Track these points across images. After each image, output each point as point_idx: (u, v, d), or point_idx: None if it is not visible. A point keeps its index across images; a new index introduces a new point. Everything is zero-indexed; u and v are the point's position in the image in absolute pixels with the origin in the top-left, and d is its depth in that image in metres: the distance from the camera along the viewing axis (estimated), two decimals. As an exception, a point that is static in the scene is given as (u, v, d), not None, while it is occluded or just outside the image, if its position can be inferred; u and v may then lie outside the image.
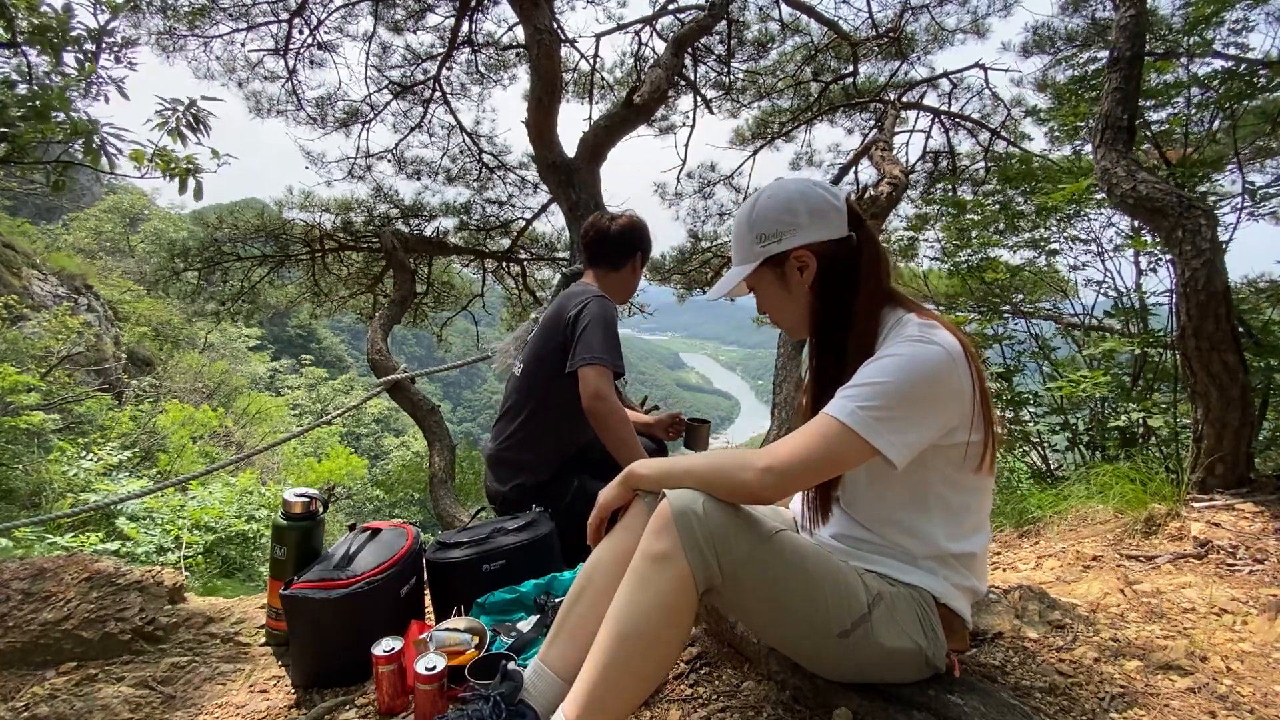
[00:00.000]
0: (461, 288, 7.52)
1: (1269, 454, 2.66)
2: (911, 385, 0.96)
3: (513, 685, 1.05)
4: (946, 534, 1.07)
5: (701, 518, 0.95)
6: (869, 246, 1.12)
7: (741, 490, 0.98)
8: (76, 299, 11.10)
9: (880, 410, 0.95)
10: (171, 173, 2.69)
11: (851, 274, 1.12)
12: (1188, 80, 2.96)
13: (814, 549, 1.04)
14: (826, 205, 1.11)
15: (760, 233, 1.13)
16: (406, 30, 6.03)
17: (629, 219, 2.13)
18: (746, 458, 0.99)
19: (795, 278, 1.14)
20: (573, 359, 1.91)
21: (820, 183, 1.14)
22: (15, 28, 2.49)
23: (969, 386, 1.00)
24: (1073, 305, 3.95)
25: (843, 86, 6.52)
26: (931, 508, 1.06)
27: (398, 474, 10.22)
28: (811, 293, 1.14)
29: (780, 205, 1.12)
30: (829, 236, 1.11)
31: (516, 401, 2.09)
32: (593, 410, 1.89)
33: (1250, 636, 1.38)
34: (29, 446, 6.74)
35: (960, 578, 1.09)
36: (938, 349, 0.98)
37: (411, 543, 1.63)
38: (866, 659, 1.04)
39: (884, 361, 0.99)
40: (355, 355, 40.03)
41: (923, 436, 0.97)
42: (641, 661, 0.94)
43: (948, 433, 1.01)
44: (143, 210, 23.38)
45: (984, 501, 1.12)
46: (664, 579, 0.94)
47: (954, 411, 1.00)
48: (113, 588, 1.73)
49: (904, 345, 1.00)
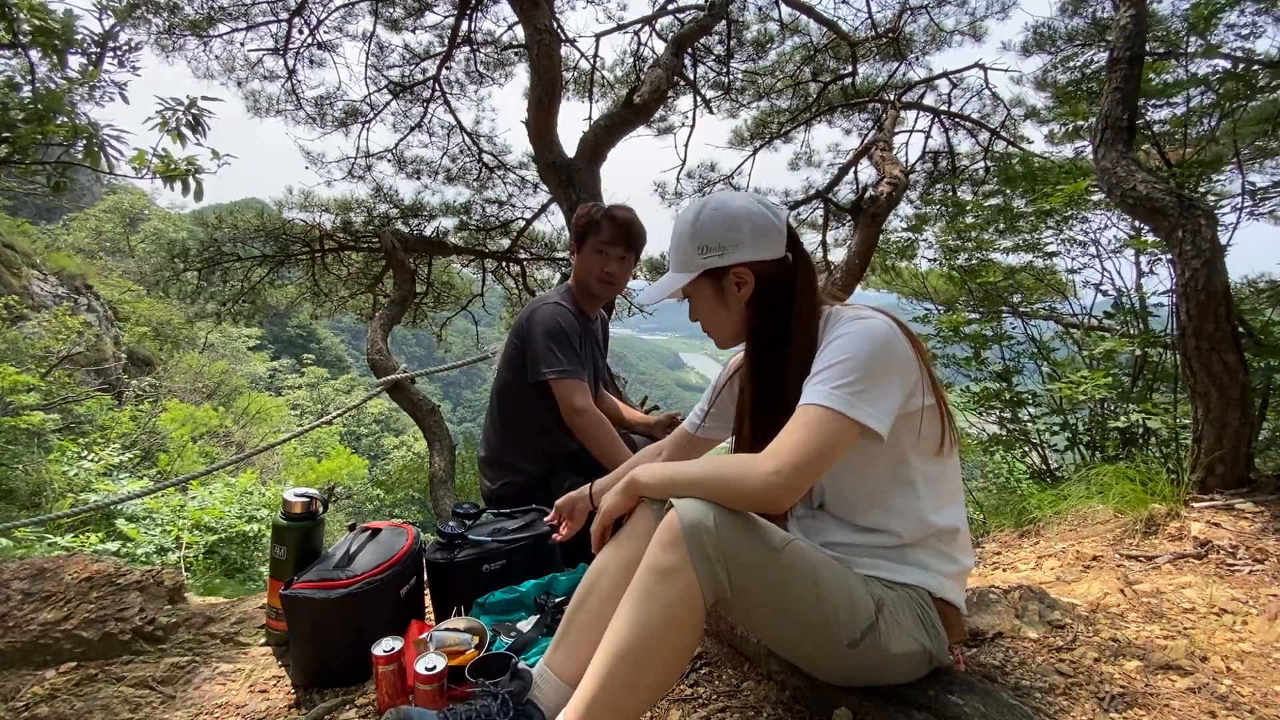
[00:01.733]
0: (461, 288, 7.52)
1: (1269, 454, 2.65)
2: (870, 355, 1.00)
3: (521, 684, 1.05)
4: (930, 505, 1.09)
5: (713, 531, 0.93)
6: (803, 265, 1.17)
7: (750, 500, 0.96)
8: (76, 299, 11.10)
9: (852, 385, 0.97)
10: (171, 175, 2.69)
11: (787, 293, 1.15)
12: (1187, 81, 2.96)
13: (824, 559, 1.04)
14: (769, 225, 1.13)
15: (702, 244, 1.14)
16: (406, 29, 6.03)
17: (582, 208, 2.15)
18: (748, 464, 0.97)
19: (733, 292, 1.16)
20: (532, 372, 1.97)
21: (765, 200, 1.17)
22: (17, 29, 2.49)
23: (912, 353, 1.05)
24: (1072, 306, 3.95)
25: (842, 87, 6.51)
26: (913, 480, 1.09)
27: (398, 474, 10.22)
28: (748, 309, 1.17)
29: (725, 220, 1.13)
30: (769, 256, 1.14)
31: (493, 405, 2.16)
32: (573, 425, 1.96)
33: (1250, 636, 1.38)
34: (29, 446, 6.75)
35: (949, 563, 1.11)
36: (878, 320, 1.06)
37: (411, 543, 1.63)
38: (875, 666, 1.04)
39: (837, 343, 1.03)
40: (355, 355, 40.01)
41: (894, 403, 1.01)
42: (644, 675, 0.93)
43: (911, 396, 1.05)
44: (143, 210, 23.39)
45: (954, 469, 1.15)
46: (671, 593, 0.92)
47: (910, 377, 1.04)
48: (113, 588, 1.73)
49: (848, 325, 1.05)
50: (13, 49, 2.59)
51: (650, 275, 7.59)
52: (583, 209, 2.14)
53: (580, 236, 2.11)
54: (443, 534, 1.70)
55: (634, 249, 2.13)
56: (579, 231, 2.12)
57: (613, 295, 2.26)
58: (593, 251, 2.08)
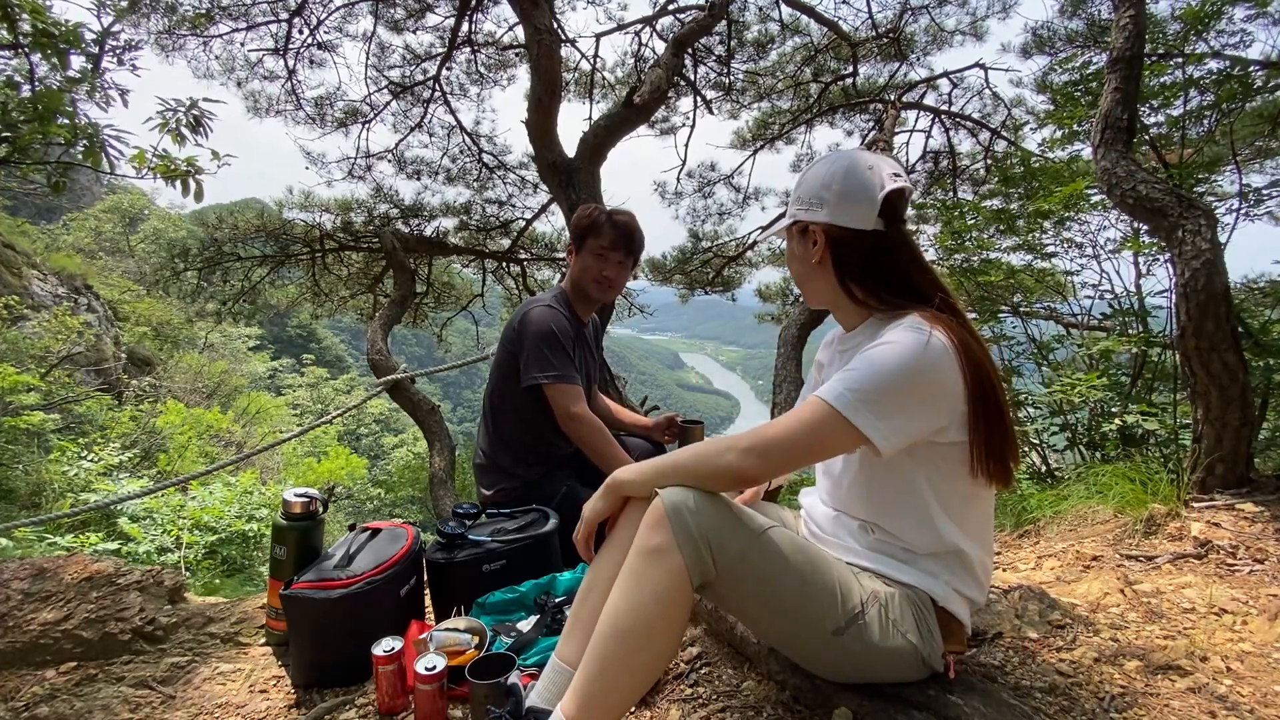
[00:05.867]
0: (461, 288, 7.52)
1: (1269, 454, 2.66)
2: (900, 372, 0.96)
3: (515, 701, 1.08)
4: (950, 530, 1.06)
5: (694, 512, 0.95)
6: (888, 247, 1.10)
7: (727, 473, 0.99)
8: (76, 299, 11.09)
9: (868, 394, 0.95)
10: (171, 175, 2.69)
11: (851, 269, 1.13)
12: (1184, 82, 2.96)
13: (807, 546, 1.05)
14: (860, 193, 1.09)
15: (800, 194, 1.16)
16: (406, 30, 6.03)
17: (582, 209, 2.14)
18: (729, 440, 1.00)
19: (808, 247, 1.16)
20: (525, 375, 1.95)
21: (876, 166, 1.10)
22: (18, 29, 2.49)
23: (959, 386, 0.99)
24: (1071, 307, 3.94)
25: (842, 87, 6.51)
26: (931, 504, 1.06)
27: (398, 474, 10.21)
28: (818, 267, 1.16)
29: (822, 176, 1.13)
30: (848, 224, 1.10)
31: (486, 409, 2.15)
32: (567, 429, 1.95)
33: (1250, 636, 1.38)
34: (29, 446, 6.75)
35: (960, 582, 1.08)
36: (929, 343, 0.98)
37: (411, 543, 1.63)
38: (861, 657, 1.04)
39: (878, 349, 1.00)
40: (355, 355, 40.00)
41: (910, 426, 0.97)
42: (638, 656, 0.95)
43: (939, 429, 1.01)
44: (142, 210, 23.37)
45: (984, 502, 1.11)
46: (659, 573, 0.94)
47: (943, 407, 0.99)
48: (113, 588, 1.73)
49: (899, 332, 1.01)
50: (13, 49, 2.59)
51: (651, 275, 7.59)
52: (583, 210, 2.13)
53: (579, 238, 2.09)
54: (443, 534, 1.70)
55: (633, 254, 2.12)
56: (578, 233, 2.10)
57: (609, 299, 2.25)
58: (592, 254, 2.06)
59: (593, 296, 2.12)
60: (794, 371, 3.70)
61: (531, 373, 1.94)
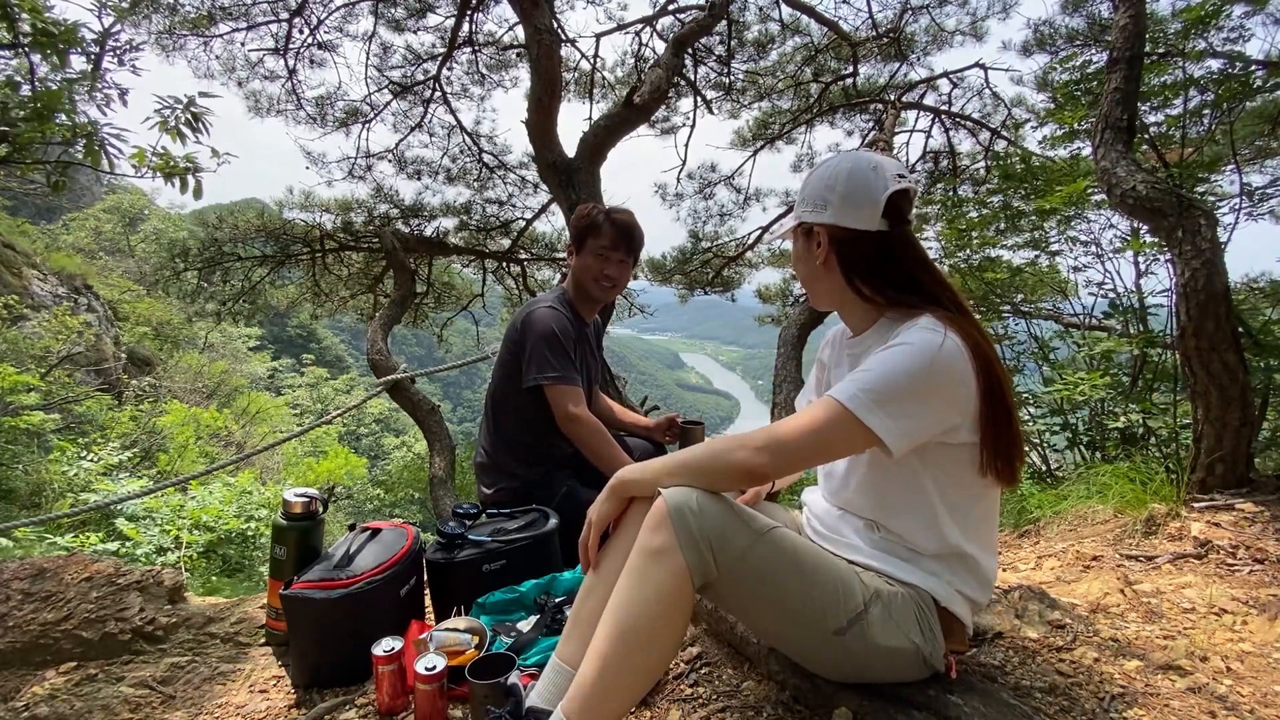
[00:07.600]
0: (461, 288, 7.53)
1: (1269, 454, 2.65)
2: (913, 372, 0.97)
3: (515, 701, 1.08)
4: (955, 532, 1.06)
5: (696, 513, 0.95)
6: (892, 248, 1.11)
7: (739, 470, 0.99)
8: (76, 299, 11.10)
9: (882, 395, 0.96)
10: (170, 173, 2.69)
11: (856, 270, 1.12)
12: (1184, 81, 2.96)
13: (809, 546, 1.04)
14: (863, 194, 1.09)
15: (806, 194, 1.16)
16: (407, 30, 6.03)
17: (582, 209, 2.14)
18: (741, 438, 1.00)
19: (813, 249, 1.16)
20: (526, 375, 1.96)
21: (880, 167, 1.10)
22: (18, 29, 2.49)
23: (973, 388, 0.99)
24: (1073, 306, 3.94)
25: (843, 87, 6.51)
26: (937, 505, 1.06)
27: (398, 474, 10.22)
28: (822, 268, 1.16)
29: (826, 178, 1.13)
30: (852, 226, 1.10)
31: (487, 410, 2.16)
32: (568, 431, 1.96)
33: (1250, 636, 1.38)
34: (29, 446, 6.75)
35: (963, 583, 1.08)
36: (943, 343, 0.98)
37: (411, 543, 1.63)
38: (863, 657, 1.04)
39: (891, 350, 1.00)
40: (355, 355, 40.00)
41: (921, 426, 0.98)
42: (639, 656, 0.94)
43: (950, 430, 1.01)
44: (143, 210, 23.38)
45: (989, 503, 1.11)
46: (660, 574, 0.94)
47: (955, 408, 1.00)
48: (113, 588, 1.73)
49: (914, 333, 1.01)
50: (13, 49, 2.59)
51: (651, 275, 7.59)
52: (582, 210, 2.12)
53: (579, 238, 2.09)
54: (443, 534, 1.70)
55: (634, 252, 2.12)
56: (578, 233, 2.10)
57: (611, 298, 2.24)
58: (592, 254, 2.06)
59: (594, 296, 2.12)
60: (794, 371, 3.71)
61: (533, 373, 1.94)
